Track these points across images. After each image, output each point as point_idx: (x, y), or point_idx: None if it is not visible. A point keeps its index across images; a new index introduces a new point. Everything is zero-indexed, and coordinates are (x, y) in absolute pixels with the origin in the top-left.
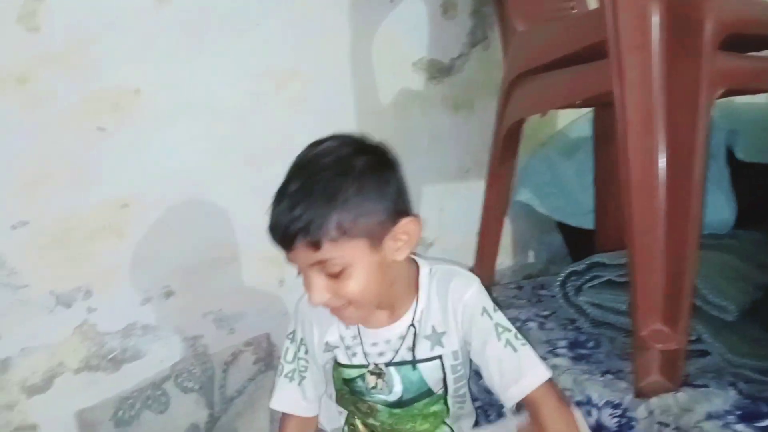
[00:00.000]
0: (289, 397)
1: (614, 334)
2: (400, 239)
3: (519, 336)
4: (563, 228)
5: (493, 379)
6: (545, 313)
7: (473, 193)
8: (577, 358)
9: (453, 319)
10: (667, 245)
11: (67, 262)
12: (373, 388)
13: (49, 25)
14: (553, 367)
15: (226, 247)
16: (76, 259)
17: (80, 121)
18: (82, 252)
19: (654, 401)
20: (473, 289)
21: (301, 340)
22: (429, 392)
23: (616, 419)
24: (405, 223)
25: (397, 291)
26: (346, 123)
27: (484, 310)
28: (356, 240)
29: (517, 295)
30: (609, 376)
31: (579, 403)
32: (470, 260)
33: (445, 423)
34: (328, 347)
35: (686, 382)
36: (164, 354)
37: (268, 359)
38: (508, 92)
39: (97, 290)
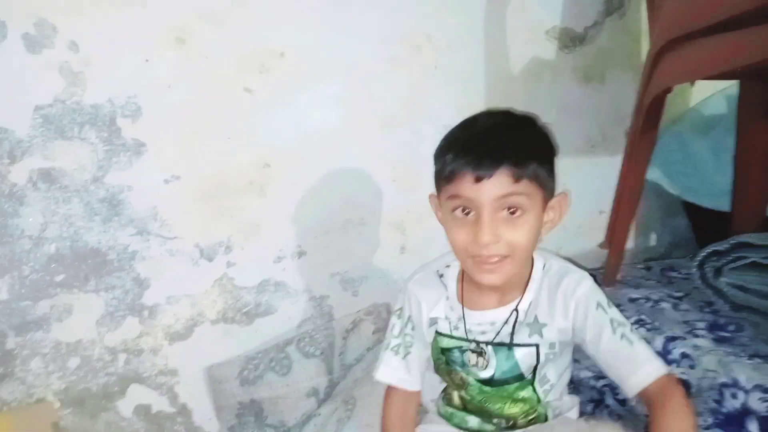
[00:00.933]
0: (394, 369)
1: (758, 318)
2: (555, 211)
3: (634, 330)
4: (691, 210)
5: (610, 370)
6: (678, 294)
7: (599, 169)
8: (719, 341)
9: (562, 314)
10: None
11: (212, 218)
12: (474, 366)
13: None
14: (695, 348)
15: (356, 210)
16: (220, 214)
17: (230, 82)
18: (226, 208)
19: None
20: (587, 285)
21: (409, 317)
22: (520, 376)
23: (766, 404)
24: (562, 197)
25: (514, 273)
26: (476, 90)
27: (599, 304)
28: (541, 191)
29: (645, 276)
30: (757, 360)
31: (724, 385)
32: (594, 239)
33: (536, 410)
34: (433, 321)
35: None
36: (293, 311)
37: (386, 329)
38: (655, 59)
39: (236, 246)
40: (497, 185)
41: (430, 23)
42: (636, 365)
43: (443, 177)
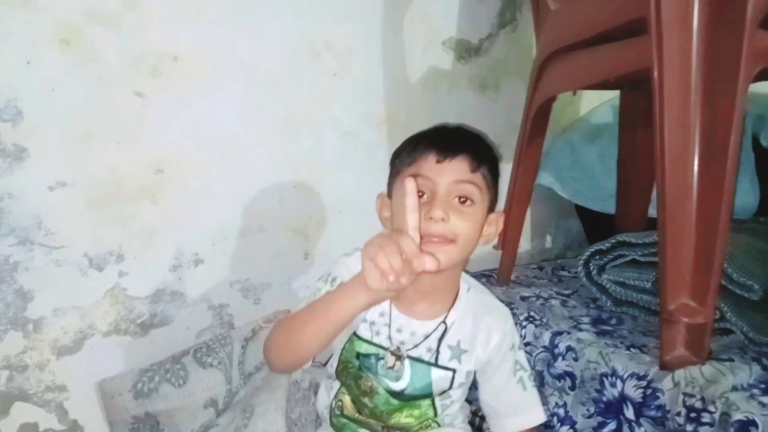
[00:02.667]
0: None
1: (636, 312)
2: (492, 226)
3: (532, 378)
4: (582, 213)
5: (491, 403)
6: (567, 291)
7: None
8: (601, 334)
9: (482, 345)
10: (698, 221)
11: (102, 225)
12: (390, 368)
13: None
14: (578, 341)
15: (255, 216)
16: (110, 222)
17: (120, 85)
18: (117, 216)
19: (679, 373)
20: (510, 323)
21: (337, 281)
22: (429, 395)
23: (640, 390)
24: (499, 215)
25: (446, 281)
26: (376, 97)
27: (513, 345)
28: (488, 195)
29: (538, 275)
30: (634, 350)
31: (604, 375)
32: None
33: (430, 420)
34: (362, 319)
35: (711, 357)
36: (191, 321)
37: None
38: (540, 70)
39: (129, 254)
40: (456, 169)
41: (330, 29)
42: (520, 408)
43: (405, 162)
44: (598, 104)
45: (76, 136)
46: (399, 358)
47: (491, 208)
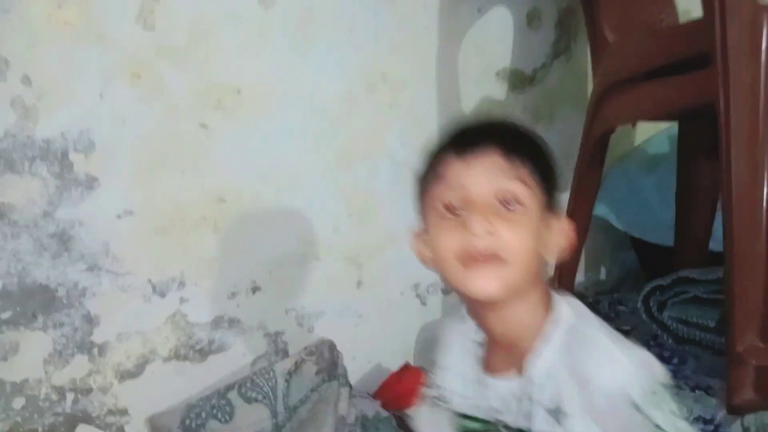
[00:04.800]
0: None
1: (700, 352)
2: (558, 235)
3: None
4: (638, 245)
5: None
6: (625, 328)
7: None
8: None
9: (587, 405)
10: None
11: (165, 253)
12: None
13: (163, 24)
14: None
15: (311, 245)
16: (173, 250)
17: (186, 117)
18: (179, 244)
19: (749, 418)
20: (616, 374)
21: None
22: None
23: None
24: (567, 222)
25: (519, 317)
26: (430, 128)
27: (634, 406)
28: (541, 190)
29: (594, 310)
30: (699, 392)
31: None
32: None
33: None
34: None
35: None
36: (247, 348)
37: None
38: (598, 102)
39: (190, 281)
40: (488, 164)
41: (385, 62)
42: None
43: (428, 178)
44: (654, 133)
45: (143, 166)
46: None
47: (548, 210)
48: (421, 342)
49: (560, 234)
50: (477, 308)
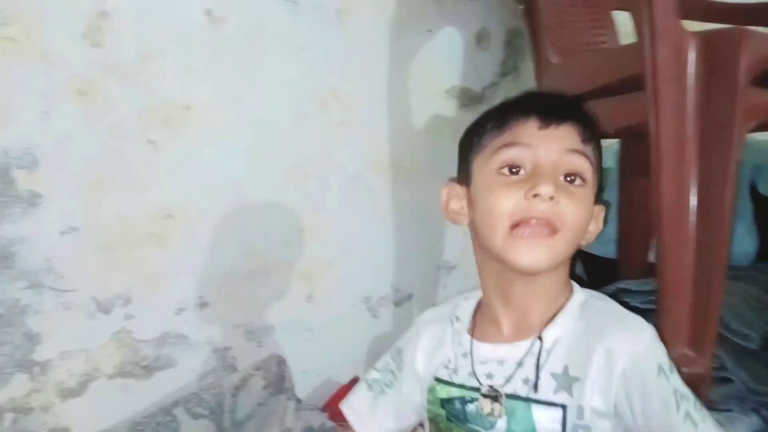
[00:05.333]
0: (358, 403)
1: None
2: (594, 222)
3: (698, 405)
4: (583, 257)
5: None
6: None
7: None
8: None
9: (603, 371)
10: (696, 271)
11: (110, 270)
12: (489, 414)
13: (111, 41)
14: None
15: (260, 260)
16: (118, 266)
17: (133, 134)
18: (125, 260)
19: None
20: (647, 340)
21: (399, 352)
22: None
23: None
24: (602, 208)
25: (546, 287)
26: (381, 144)
27: (660, 368)
28: (596, 178)
29: None
30: None
31: None
32: None
33: None
34: (431, 365)
35: (710, 407)
36: (195, 364)
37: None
38: None
39: (136, 298)
40: (565, 137)
41: (336, 81)
42: None
43: (492, 132)
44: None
45: (89, 182)
46: (495, 399)
47: (596, 196)
48: (372, 354)
49: (597, 220)
50: (506, 274)
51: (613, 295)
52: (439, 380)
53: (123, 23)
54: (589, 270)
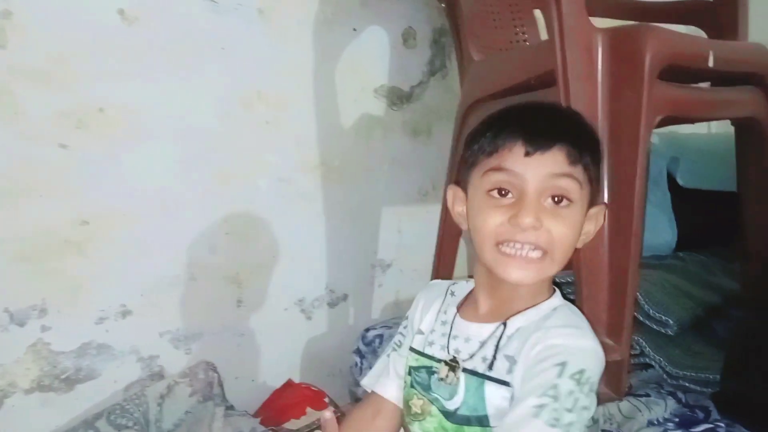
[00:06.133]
0: (375, 371)
1: None
2: (592, 222)
3: (564, 424)
4: None
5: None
6: None
7: (432, 215)
8: None
9: (526, 353)
10: (610, 262)
11: (24, 280)
12: (442, 380)
13: (16, 42)
14: None
15: (186, 266)
16: (33, 277)
17: (44, 138)
18: (40, 270)
19: (598, 410)
20: (578, 345)
21: (407, 317)
22: (484, 420)
23: None
24: (600, 208)
25: (529, 290)
26: (310, 144)
27: (563, 365)
28: (589, 189)
29: None
30: None
31: None
32: (426, 281)
33: None
34: (419, 331)
35: (629, 393)
36: (119, 374)
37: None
38: (463, 118)
39: (52, 308)
40: (551, 162)
41: (261, 80)
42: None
43: (484, 151)
44: None
45: None
46: (453, 368)
47: (592, 202)
48: (308, 357)
49: (594, 221)
50: (495, 277)
51: None
52: (412, 349)
53: (29, 23)
54: None
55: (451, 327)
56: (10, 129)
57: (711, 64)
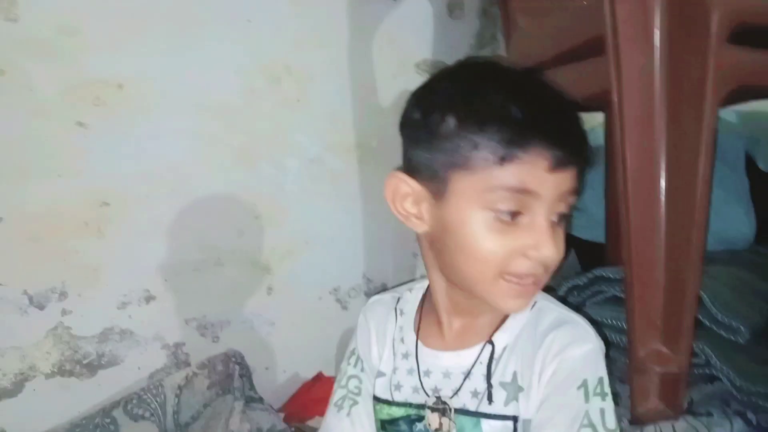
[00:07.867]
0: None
1: (616, 354)
2: None
3: None
4: (575, 242)
5: None
6: None
7: None
8: None
9: (537, 376)
10: (667, 258)
11: (42, 262)
12: (437, 430)
13: (29, 15)
14: None
15: (210, 250)
16: (51, 258)
17: (60, 116)
18: (59, 251)
19: (649, 429)
20: (584, 351)
21: (357, 356)
22: None
23: None
24: None
25: None
26: (344, 123)
27: (584, 384)
28: None
29: None
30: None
31: None
32: None
33: None
34: (380, 373)
35: (689, 410)
36: (143, 361)
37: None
38: None
39: (72, 292)
40: (568, 178)
41: (290, 55)
42: None
43: (488, 158)
44: (591, 127)
45: (11, 169)
46: (443, 413)
47: None
48: (343, 349)
49: None
50: (458, 292)
51: (590, 284)
52: (378, 399)
53: None
54: (581, 255)
55: (417, 361)
56: (24, 106)
57: None
